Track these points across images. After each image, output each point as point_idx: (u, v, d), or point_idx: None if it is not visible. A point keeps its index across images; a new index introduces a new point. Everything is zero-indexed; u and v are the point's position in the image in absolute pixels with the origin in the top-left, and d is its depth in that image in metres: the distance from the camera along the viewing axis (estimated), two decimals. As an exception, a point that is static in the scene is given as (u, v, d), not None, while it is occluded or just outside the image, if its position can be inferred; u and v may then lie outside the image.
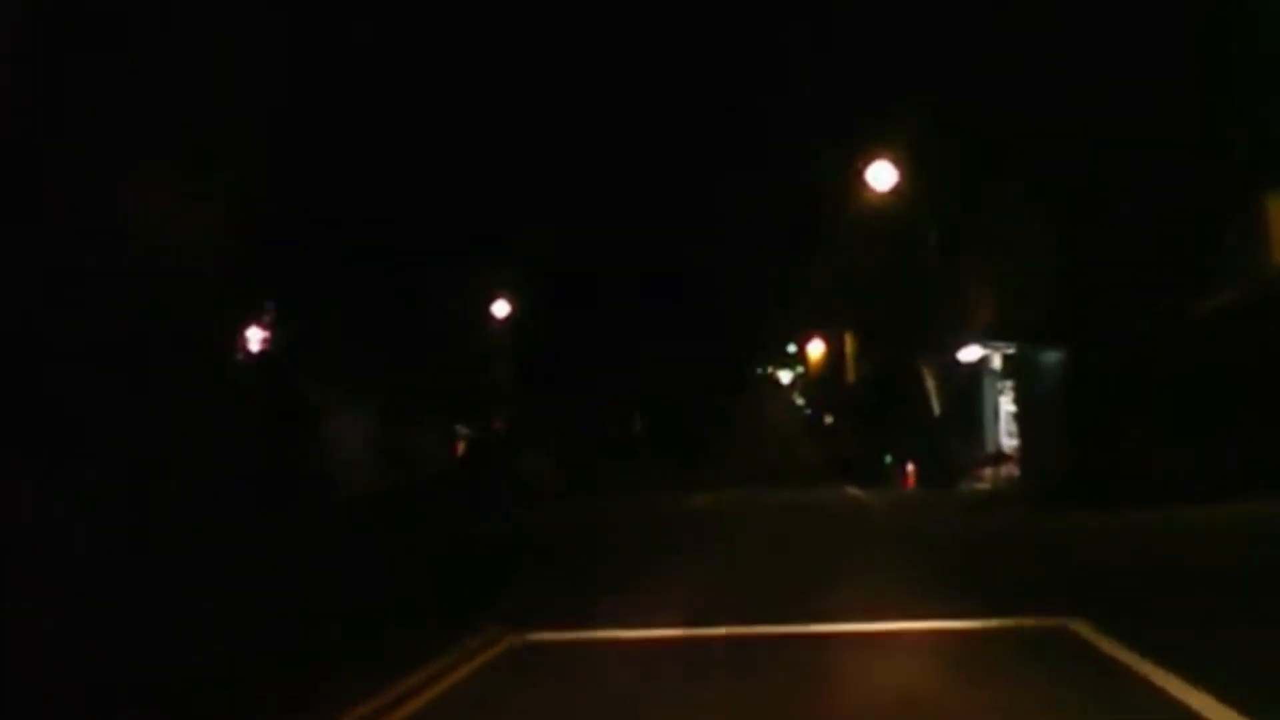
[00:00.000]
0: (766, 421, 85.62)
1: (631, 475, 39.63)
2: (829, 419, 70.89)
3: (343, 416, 28.58)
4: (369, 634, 9.01)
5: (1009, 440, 28.93)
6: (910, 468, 29.52)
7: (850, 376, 55.29)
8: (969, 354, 27.71)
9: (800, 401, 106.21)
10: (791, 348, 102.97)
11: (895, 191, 26.68)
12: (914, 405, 30.05)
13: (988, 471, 27.32)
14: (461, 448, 30.62)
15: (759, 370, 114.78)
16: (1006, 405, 28.65)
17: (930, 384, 27.47)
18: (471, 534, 20.43)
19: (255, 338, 26.80)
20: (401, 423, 30.82)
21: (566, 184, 43.45)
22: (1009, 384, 28.23)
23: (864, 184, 27.10)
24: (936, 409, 27.12)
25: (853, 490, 29.60)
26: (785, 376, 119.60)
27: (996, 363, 28.47)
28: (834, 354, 66.43)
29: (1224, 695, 5.30)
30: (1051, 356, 23.52)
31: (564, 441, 37.98)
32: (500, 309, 41.30)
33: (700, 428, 58.61)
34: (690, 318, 57.99)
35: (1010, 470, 26.96)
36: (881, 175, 26.45)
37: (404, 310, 30.59)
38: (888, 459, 36.44)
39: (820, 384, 76.22)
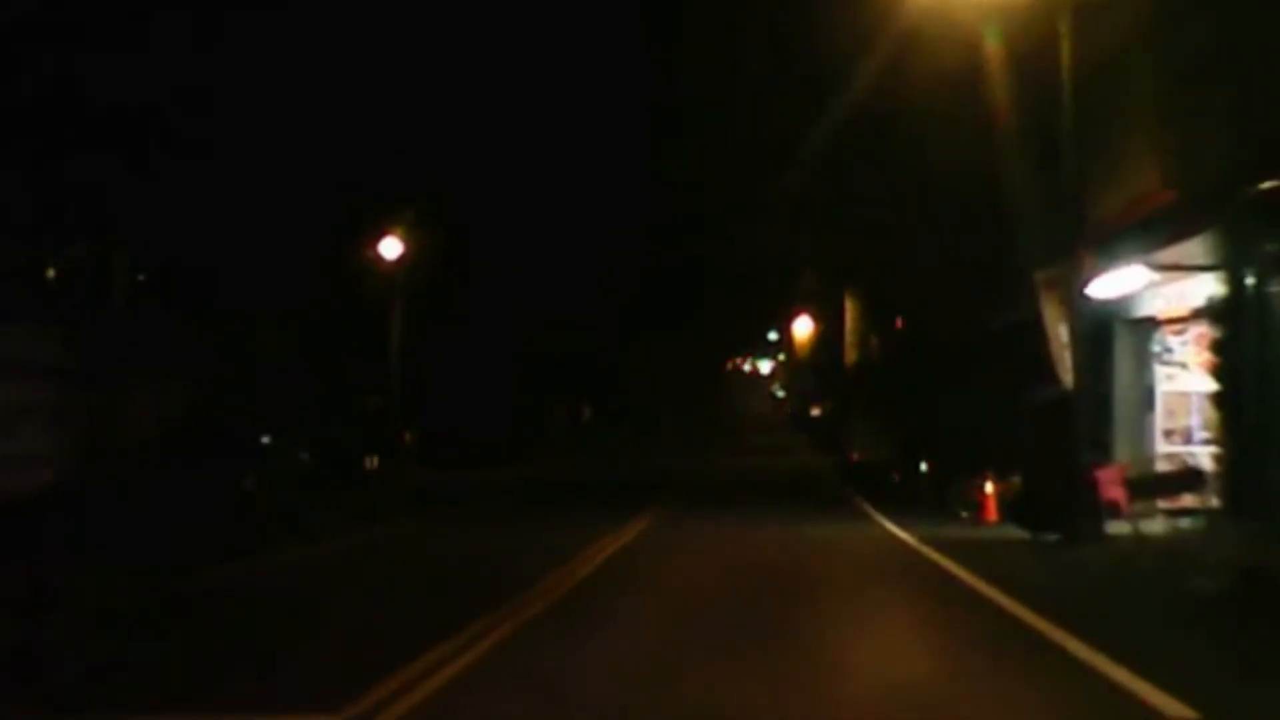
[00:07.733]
0: (741, 418, 73.49)
1: (526, 484, 27.44)
2: (816, 411, 59.53)
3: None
4: None
5: (1166, 445, 16.15)
6: (989, 487, 16.64)
7: (850, 356, 42.76)
8: (1111, 283, 14.80)
9: (781, 394, 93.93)
10: (773, 335, 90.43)
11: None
12: (994, 375, 17.22)
13: (1136, 506, 14.36)
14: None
15: (736, 361, 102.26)
16: (1173, 383, 15.87)
17: (1061, 331, 14.50)
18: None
19: None
20: (106, 386, 17.91)
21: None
22: (1184, 338, 15.45)
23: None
24: (1069, 379, 14.14)
25: (889, 525, 16.64)
26: (765, 367, 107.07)
27: (1157, 302, 15.66)
28: (827, 334, 54.51)
29: None
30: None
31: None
32: (390, 248, 29.49)
33: (651, 419, 45.48)
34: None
35: (1200, 500, 14.16)
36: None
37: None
38: (923, 467, 24.01)
39: (808, 370, 63.86)
